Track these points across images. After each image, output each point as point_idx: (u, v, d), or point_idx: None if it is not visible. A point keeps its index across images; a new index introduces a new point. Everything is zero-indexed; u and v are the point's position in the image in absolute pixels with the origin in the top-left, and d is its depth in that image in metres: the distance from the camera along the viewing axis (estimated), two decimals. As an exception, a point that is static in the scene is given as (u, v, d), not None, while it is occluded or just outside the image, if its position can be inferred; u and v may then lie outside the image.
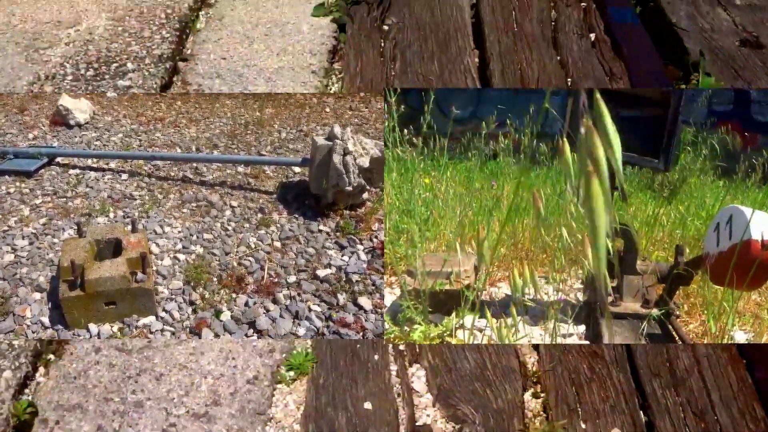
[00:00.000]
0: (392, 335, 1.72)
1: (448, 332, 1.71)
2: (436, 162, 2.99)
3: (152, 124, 3.33)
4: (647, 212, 2.75)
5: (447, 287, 1.86)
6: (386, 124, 2.06)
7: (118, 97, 3.69)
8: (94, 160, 2.73)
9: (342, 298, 1.84)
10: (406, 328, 1.72)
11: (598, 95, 0.65)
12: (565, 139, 0.72)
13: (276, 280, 1.91)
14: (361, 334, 1.70)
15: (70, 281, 1.63)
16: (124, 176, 2.60)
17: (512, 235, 2.38)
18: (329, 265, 1.99)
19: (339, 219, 2.24)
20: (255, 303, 1.79)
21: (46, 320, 1.68)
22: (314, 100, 3.95)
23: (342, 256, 2.04)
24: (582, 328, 1.85)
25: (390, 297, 2.09)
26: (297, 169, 2.69)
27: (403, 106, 1.92)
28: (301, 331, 1.70)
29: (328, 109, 3.80)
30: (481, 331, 1.78)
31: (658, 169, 1.63)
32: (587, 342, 1.76)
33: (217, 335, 1.67)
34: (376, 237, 2.14)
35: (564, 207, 2.61)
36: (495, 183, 2.76)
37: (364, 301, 1.82)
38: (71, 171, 2.62)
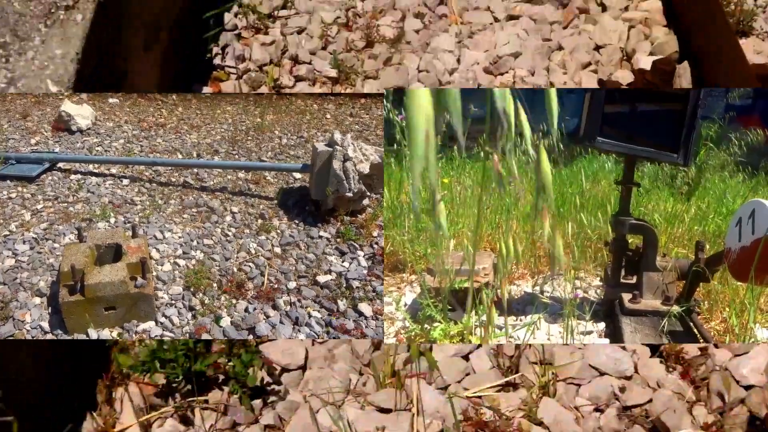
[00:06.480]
0: (413, 333, 1.73)
1: (467, 330, 1.71)
2: (453, 162, 2.99)
3: (153, 130, 3.34)
4: (667, 208, 2.73)
5: (466, 285, 1.87)
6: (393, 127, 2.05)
7: (120, 103, 3.70)
8: (96, 165, 2.73)
9: (342, 304, 1.83)
10: (426, 326, 1.72)
11: (508, 94, 0.63)
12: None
13: (276, 286, 1.90)
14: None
15: (70, 286, 1.63)
16: (125, 181, 2.60)
17: (530, 233, 2.38)
18: (329, 271, 1.99)
19: (339, 225, 2.25)
20: (255, 309, 1.79)
21: (45, 325, 1.68)
22: (315, 107, 3.96)
23: (342, 262, 2.04)
24: (602, 325, 1.84)
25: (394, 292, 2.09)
26: (297, 175, 2.70)
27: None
28: (301, 337, 1.70)
29: (328, 116, 3.81)
30: (500, 329, 1.78)
31: (677, 163, 1.63)
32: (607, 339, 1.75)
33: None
34: (376, 243, 2.14)
35: (574, 202, 2.62)
36: (512, 180, 2.75)
37: (365, 308, 1.81)
38: (73, 176, 2.63)
